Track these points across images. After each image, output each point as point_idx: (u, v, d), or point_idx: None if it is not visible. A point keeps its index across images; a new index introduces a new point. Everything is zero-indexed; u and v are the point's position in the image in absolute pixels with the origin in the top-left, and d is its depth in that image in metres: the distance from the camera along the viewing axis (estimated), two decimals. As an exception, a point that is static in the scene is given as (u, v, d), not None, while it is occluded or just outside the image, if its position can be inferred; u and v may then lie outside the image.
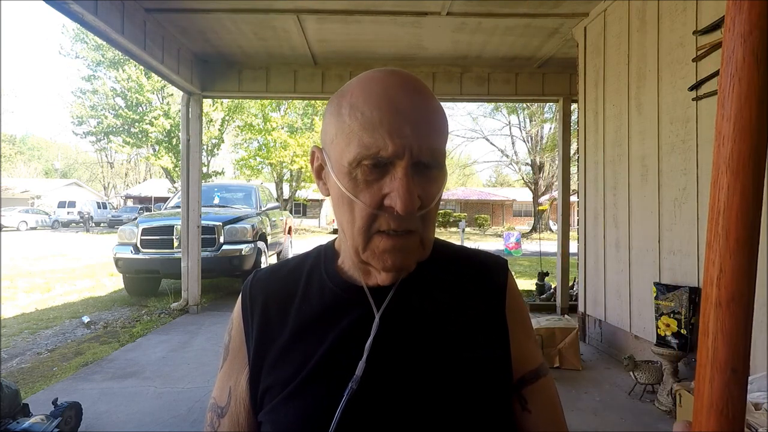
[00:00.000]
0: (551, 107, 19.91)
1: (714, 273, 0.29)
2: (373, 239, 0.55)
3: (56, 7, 3.16)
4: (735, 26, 0.28)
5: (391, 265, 0.55)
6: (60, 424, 2.31)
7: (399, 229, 0.54)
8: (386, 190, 0.53)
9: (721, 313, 0.29)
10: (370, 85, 0.55)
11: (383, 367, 0.57)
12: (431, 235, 0.58)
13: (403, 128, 0.52)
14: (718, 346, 0.29)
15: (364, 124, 0.53)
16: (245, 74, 5.56)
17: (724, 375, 0.29)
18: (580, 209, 4.29)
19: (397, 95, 0.54)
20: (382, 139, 0.52)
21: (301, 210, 32.22)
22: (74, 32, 21.99)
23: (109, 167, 49.68)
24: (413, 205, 0.52)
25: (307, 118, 21.52)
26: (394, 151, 0.52)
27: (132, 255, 6.00)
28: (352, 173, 0.54)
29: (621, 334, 3.66)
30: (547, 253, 11.34)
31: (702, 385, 0.30)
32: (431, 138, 0.54)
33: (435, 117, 0.56)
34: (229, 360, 0.66)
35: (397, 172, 0.53)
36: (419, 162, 0.54)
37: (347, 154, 0.54)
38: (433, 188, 0.56)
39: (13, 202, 32.43)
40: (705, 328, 0.30)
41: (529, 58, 5.26)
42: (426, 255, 0.59)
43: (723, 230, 0.28)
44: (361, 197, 0.54)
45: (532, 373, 0.64)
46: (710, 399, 0.29)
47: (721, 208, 0.29)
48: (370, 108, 0.53)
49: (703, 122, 2.74)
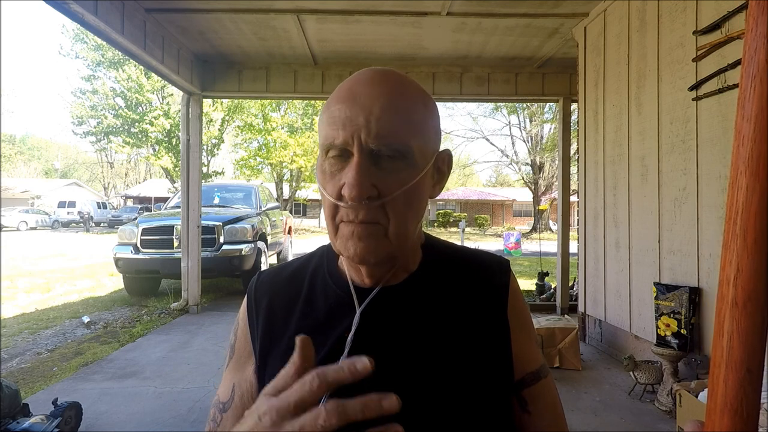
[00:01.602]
0: (551, 107, 19.92)
1: (731, 272, 0.29)
2: (339, 228, 0.56)
3: (56, 7, 3.16)
4: (758, 26, 0.28)
5: (353, 252, 0.55)
6: (60, 424, 2.31)
7: (356, 220, 0.54)
8: (344, 179, 0.54)
9: (738, 312, 0.29)
10: (343, 84, 0.57)
11: (381, 366, 0.57)
12: (401, 228, 0.56)
13: (356, 117, 0.53)
14: (733, 346, 0.29)
15: (328, 119, 0.55)
16: (245, 74, 5.56)
17: (739, 375, 0.28)
18: (580, 209, 4.29)
19: (361, 89, 0.55)
20: (336, 129, 0.53)
21: (301, 210, 32.23)
22: (74, 32, 21.94)
23: (109, 167, 49.66)
24: (360, 192, 0.51)
25: (307, 118, 21.50)
26: (344, 139, 0.53)
27: (132, 255, 6.00)
28: (322, 165, 0.56)
29: (621, 334, 3.66)
30: (547, 253, 11.34)
31: (716, 384, 0.30)
32: (388, 126, 0.53)
33: (397, 105, 0.54)
34: (235, 359, 0.67)
35: (352, 161, 0.53)
36: (374, 151, 0.53)
37: (319, 150, 0.58)
38: (392, 179, 0.54)
39: (13, 202, 32.42)
40: (720, 328, 0.29)
41: (529, 58, 5.27)
42: (397, 248, 0.57)
43: (741, 230, 0.28)
44: (327, 188, 0.55)
45: (533, 375, 0.64)
46: (724, 399, 0.29)
47: (740, 208, 0.29)
48: (336, 103, 0.55)
49: (703, 122, 2.74)
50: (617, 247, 3.69)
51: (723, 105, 2.59)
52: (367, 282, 0.61)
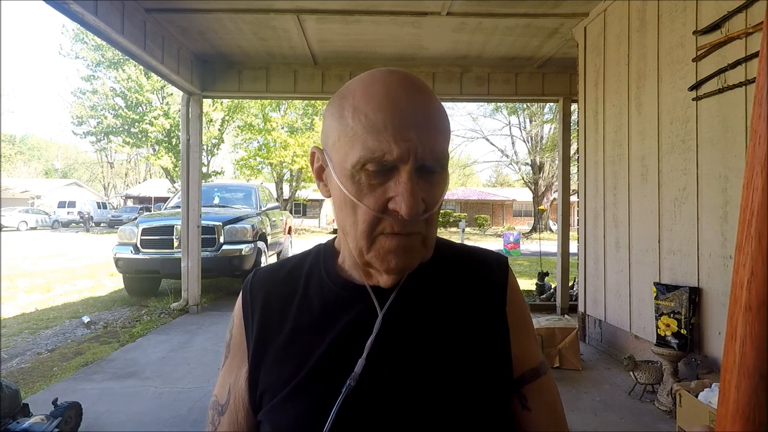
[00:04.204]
0: (551, 108, 19.91)
1: (744, 276, 0.28)
2: (377, 240, 0.55)
3: (56, 7, 3.16)
4: None
5: (395, 266, 0.55)
6: (60, 424, 2.30)
7: (402, 232, 0.54)
8: (391, 193, 0.53)
9: (751, 317, 0.28)
10: (372, 86, 0.54)
11: (383, 365, 0.57)
12: (433, 235, 0.58)
13: (407, 132, 0.52)
14: (746, 351, 0.28)
15: (367, 127, 0.52)
16: (245, 74, 5.55)
17: (752, 381, 0.28)
18: (580, 209, 4.29)
19: (399, 96, 0.53)
20: (387, 143, 0.51)
21: (301, 210, 32.20)
22: (74, 32, 21.92)
23: (109, 167, 49.62)
24: (418, 209, 0.52)
25: (307, 118, 21.50)
26: (399, 156, 0.51)
27: (132, 255, 6.00)
28: (355, 176, 0.54)
29: (621, 334, 3.66)
30: (547, 253, 11.34)
31: (727, 390, 0.29)
32: (435, 141, 0.54)
33: (438, 119, 0.55)
34: (230, 357, 0.66)
35: (402, 176, 0.52)
36: (423, 165, 0.53)
37: (351, 157, 0.53)
38: (437, 191, 0.56)
39: (13, 202, 32.40)
40: (732, 332, 0.29)
41: (529, 58, 5.26)
42: (428, 255, 0.59)
43: (756, 232, 0.28)
44: (365, 201, 0.54)
45: (532, 372, 0.64)
46: (736, 405, 0.28)
47: (755, 209, 0.28)
48: (373, 110, 0.52)
49: (703, 122, 2.74)
50: (617, 247, 3.68)
51: (723, 105, 2.59)
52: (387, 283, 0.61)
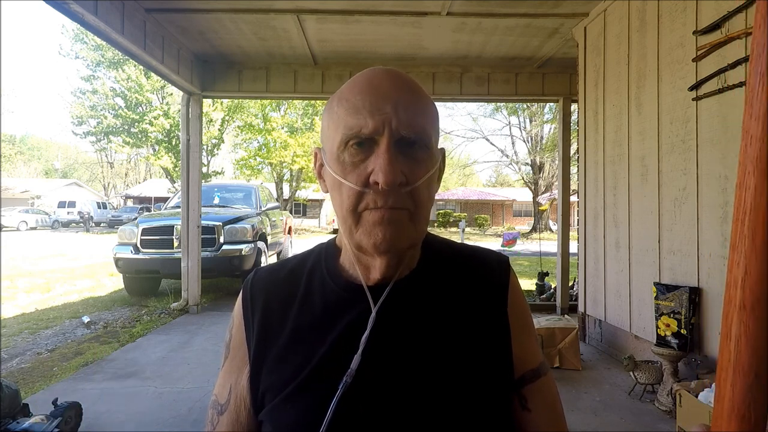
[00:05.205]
0: (551, 108, 19.91)
1: (738, 275, 0.28)
2: (363, 216, 0.56)
3: (56, 7, 3.16)
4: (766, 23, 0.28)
5: (382, 238, 0.55)
6: (60, 424, 2.30)
7: (385, 205, 0.54)
8: (371, 167, 0.54)
9: (746, 316, 0.28)
10: (358, 77, 0.59)
11: (382, 363, 0.57)
12: (423, 214, 0.58)
13: (383, 106, 0.55)
14: (740, 350, 0.28)
15: (348, 109, 0.56)
16: (245, 74, 5.55)
17: (747, 379, 0.28)
18: (580, 209, 4.29)
19: (380, 81, 0.57)
20: (363, 118, 0.54)
21: (301, 210, 32.20)
22: (74, 32, 21.91)
23: (109, 167, 49.63)
24: (395, 178, 0.53)
25: (307, 118, 21.49)
26: (375, 127, 0.54)
27: (132, 255, 6.00)
28: (340, 157, 0.56)
29: (621, 334, 3.66)
30: (547, 253, 11.33)
31: (723, 389, 0.29)
32: (413, 116, 0.56)
33: (417, 98, 0.58)
34: (230, 358, 0.66)
35: (380, 148, 0.54)
36: (402, 138, 0.55)
37: (336, 140, 0.57)
38: (420, 168, 0.57)
39: (13, 202, 32.39)
40: (727, 331, 0.29)
41: (529, 58, 5.26)
42: (418, 236, 0.59)
43: (749, 231, 0.28)
44: (348, 178, 0.56)
45: (533, 372, 0.64)
46: (731, 403, 0.29)
47: (748, 209, 0.28)
48: (354, 94, 0.56)
49: (703, 122, 2.74)
50: (617, 247, 3.68)
51: (723, 105, 2.59)
52: (376, 278, 0.61)
